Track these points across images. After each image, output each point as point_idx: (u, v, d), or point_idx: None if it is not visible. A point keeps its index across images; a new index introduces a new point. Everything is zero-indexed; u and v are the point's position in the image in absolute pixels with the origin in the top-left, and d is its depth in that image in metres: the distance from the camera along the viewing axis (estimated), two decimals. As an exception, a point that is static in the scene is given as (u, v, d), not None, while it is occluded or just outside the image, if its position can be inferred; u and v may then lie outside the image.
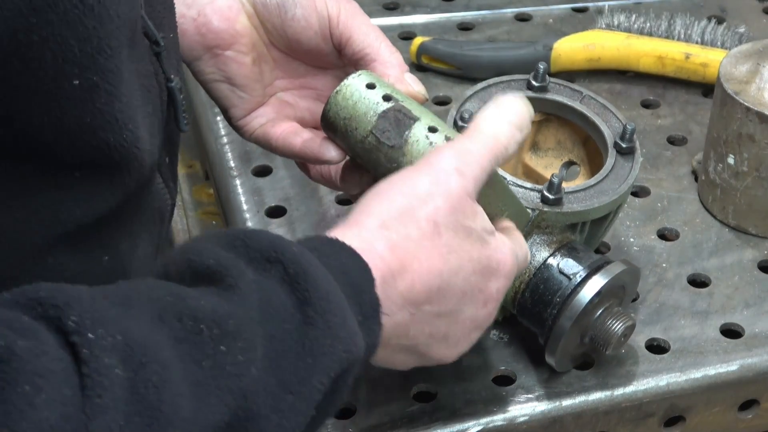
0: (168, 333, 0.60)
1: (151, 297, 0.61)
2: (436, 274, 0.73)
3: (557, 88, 1.00)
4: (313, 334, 0.64)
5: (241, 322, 0.62)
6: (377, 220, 0.72)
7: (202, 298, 0.62)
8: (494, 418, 0.91)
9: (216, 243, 0.67)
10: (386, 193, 0.75)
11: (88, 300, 0.58)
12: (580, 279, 0.88)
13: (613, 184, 0.93)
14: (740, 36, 1.28)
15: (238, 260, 0.65)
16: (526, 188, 0.91)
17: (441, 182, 0.74)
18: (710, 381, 0.95)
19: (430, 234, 0.73)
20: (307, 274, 0.65)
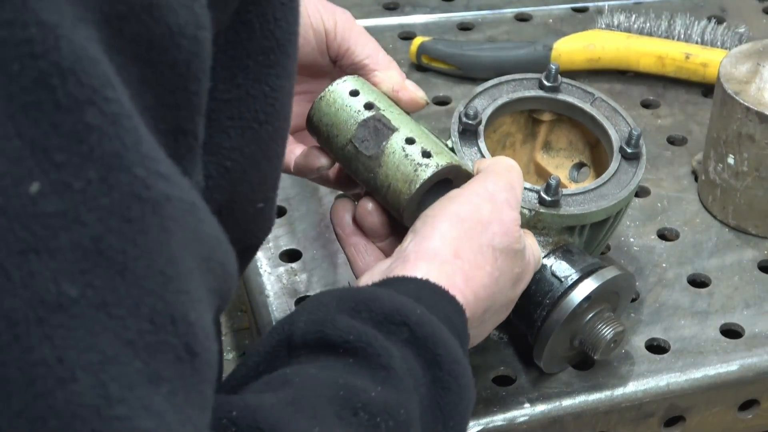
0: (350, 431, 0.61)
1: (327, 396, 0.62)
2: (490, 298, 0.78)
3: (569, 89, 1.00)
4: (449, 398, 0.67)
5: (409, 409, 0.64)
6: (450, 249, 0.76)
7: (369, 387, 0.63)
8: (494, 418, 0.91)
9: (339, 309, 0.67)
10: (455, 216, 0.78)
11: (288, 419, 0.59)
12: (572, 282, 0.88)
13: (613, 189, 0.93)
14: (740, 36, 1.28)
15: (374, 332, 0.66)
16: (525, 188, 0.91)
17: (497, 210, 0.79)
18: (710, 381, 0.95)
19: (490, 260, 0.77)
20: (435, 338, 0.67)
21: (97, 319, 0.46)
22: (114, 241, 0.46)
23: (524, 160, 1.05)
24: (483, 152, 0.93)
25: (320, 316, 0.67)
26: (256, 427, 0.57)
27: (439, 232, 0.77)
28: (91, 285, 0.45)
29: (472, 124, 0.93)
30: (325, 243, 1.06)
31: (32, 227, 0.44)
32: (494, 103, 0.97)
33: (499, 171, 0.83)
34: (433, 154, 0.81)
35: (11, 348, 0.44)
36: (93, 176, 0.45)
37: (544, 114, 1.02)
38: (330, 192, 1.12)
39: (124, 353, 0.46)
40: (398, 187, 0.81)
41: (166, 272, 0.48)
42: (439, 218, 0.78)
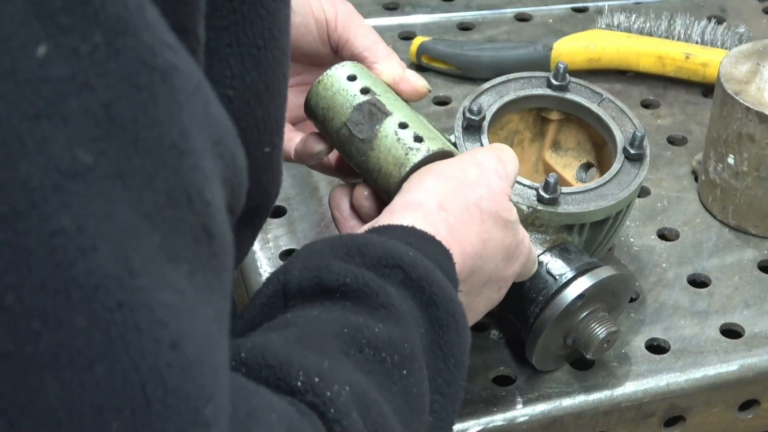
0: (357, 366, 0.61)
1: (332, 333, 0.62)
2: (477, 258, 0.77)
3: (577, 89, 1.00)
4: (448, 336, 0.67)
5: (413, 343, 0.64)
6: (436, 200, 0.76)
7: (373, 324, 0.63)
8: (494, 418, 0.91)
9: (332, 255, 0.68)
10: (442, 174, 0.78)
11: (299, 354, 0.59)
12: (566, 280, 0.88)
13: (614, 189, 0.93)
14: (740, 36, 1.28)
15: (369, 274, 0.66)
16: (524, 185, 0.91)
17: (484, 175, 0.79)
18: (710, 381, 0.95)
19: (476, 218, 0.77)
20: (429, 278, 0.68)
21: (114, 189, 0.45)
22: (124, 109, 0.45)
23: (533, 159, 1.05)
24: None
25: (314, 263, 0.67)
26: (266, 364, 0.57)
27: (425, 186, 0.77)
28: (104, 153, 0.45)
29: (476, 119, 0.93)
30: (325, 243, 1.06)
31: (42, 91, 0.43)
32: (500, 100, 0.97)
33: (491, 147, 0.84)
34: (425, 139, 0.82)
35: (30, 216, 0.43)
36: (99, 40, 0.44)
37: (553, 113, 1.02)
38: (330, 192, 1.12)
39: (143, 226, 0.46)
40: (389, 170, 0.82)
41: (179, 146, 0.47)
42: (425, 174, 0.79)
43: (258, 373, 0.57)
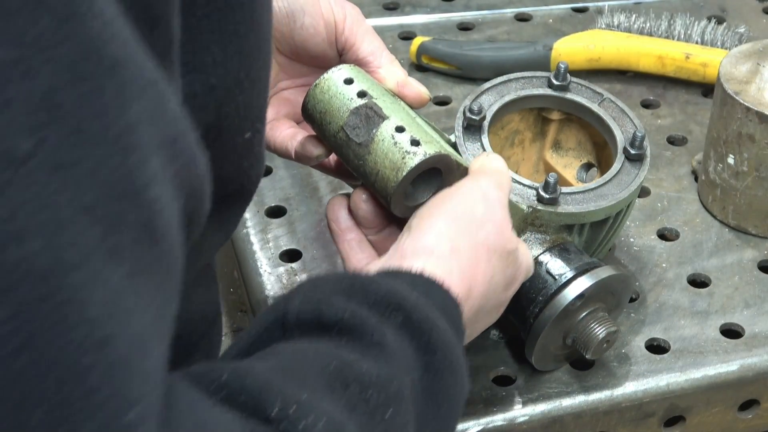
0: (340, 402, 0.61)
1: (315, 365, 0.62)
2: (484, 296, 0.77)
3: (578, 89, 1.00)
4: (443, 383, 0.67)
5: (401, 383, 0.64)
6: (448, 245, 0.76)
7: (362, 362, 0.63)
8: (494, 418, 0.91)
9: (335, 290, 0.67)
10: (451, 213, 0.78)
11: (279, 383, 0.58)
12: (566, 280, 0.88)
13: (614, 189, 0.93)
14: (740, 36, 1.28)
15: (368, 313, 0.66)
16: (524, 185, 0.91)
17: (490, 210, 0.79)
18: (710, 381, 0.95)
19: (485, 259, 0.77)
20: (429, 322, 0.67)
21: (53, 178, 0.44)
22: (67, 97, 0.45)
23: (533, 159, 1.05)
24: (486, 148, 0.93)
25: (316, 296, 0.66)
26: (246, 390, 0.57)
27: (436, 229, 0.77)
28: (44, 141, 0.44)
29: (476, 119, 0.93)
30: (325, 243, 1.06)
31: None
32: (501, 100, 0.97)
33: (489, 171, 0.83)
34: (422, 143, 0.82)
35: None
36: (46, 25, 0.44)
37: (553, 113, 1.02)
38: (330, 192, 1.12)
39: (82, 219, 0.45)
40: (386, 175, 0.81)
41: (124, 140, 0.46)
42: (435, 216, 0.78)
43: (237, 398, 0.57)
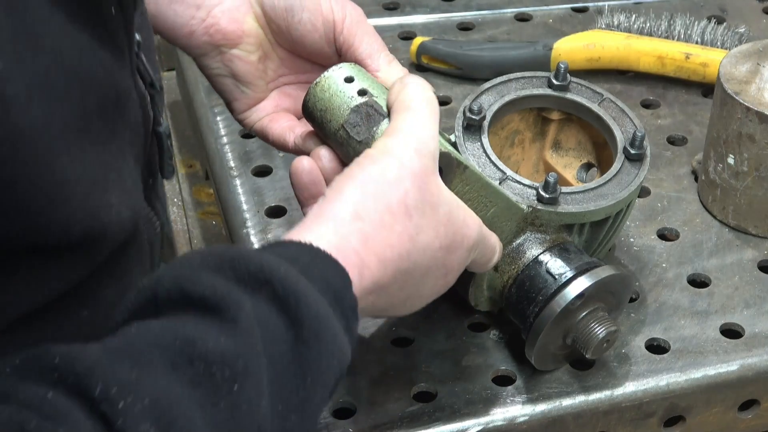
0: (183, 379, 0.61)
1: (160, 344, 0.62)
2: (404, 257, 0.75)
3: (578, 88, 1.00)
4: (309, 355, 0.66)
5: (249, 358, 0.63)
6: (351, 210, 0.74)
7: (209, 338, 0.63)
8: (494, 418, 0.91)
9: (203, 265, 0.67)
10: (358, 179, 0.76)
11: (107, 364, 0.59)
12: (566, 280, 0.88)
13: (613, 189, 0.93)
14: (740, 36, 1.28)
15: (232, 288, 0.65)
16: (524, 184, 0.91)
17: (405, 165, 0.77)
18: (710, 381, 0.95)
19: (401, 218, 0.75)
20: (297, 294, 0.66)
21: None
22: None
23: (533, 159, 1.05)
24: (486, 148, 0.93)
25: (183, 273, 0.66)
26: (73, 372, 0.58)
27: (341, 194, 0.75)
28: None
29: (476, 119, 0.93)
30: (325, 243, 1.06)
31: None
32: (501, 100, 0.97)
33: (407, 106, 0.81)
34: None
35: None
36: None
37: (553, 113, 1.02)
38: (330, 192, 1.12)
39: None
40: None
41: None
42: (343, 182, 0.76)
43: (65, 380, 0.58)
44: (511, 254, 0.91)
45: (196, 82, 1.26)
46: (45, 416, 0.56)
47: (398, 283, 0.76)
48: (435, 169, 0.79)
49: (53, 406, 0.57)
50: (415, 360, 0.95)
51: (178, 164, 1.30)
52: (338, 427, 0.89)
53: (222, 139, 1.19)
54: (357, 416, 0.90)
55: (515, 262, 0.90)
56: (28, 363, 0.59)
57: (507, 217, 0.88)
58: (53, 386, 0.58)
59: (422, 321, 0.98)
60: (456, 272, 0.82)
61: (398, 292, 0.77)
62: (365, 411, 0.90)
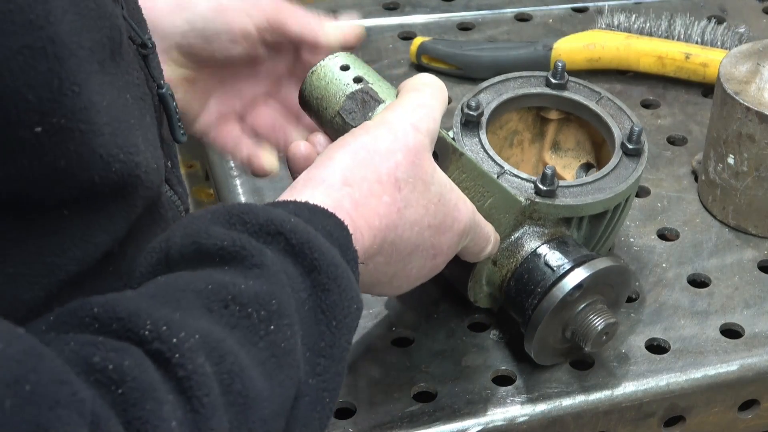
0: (220, 321, 0.61)
1: (194, 290, 0.62)
2: (391, 229, 0.76)
3: (576, 87, 1.00)
4: (330, 299, 0.67)
5: (281, 299, 0.64)
6: (340, 176, 0.75)
7: (239, 281, 0.63)
8: (494, 418, 0.91)
9: (213, 221, 0.67)
10: (350, 146, 0.77)
11: (149, 306, 0.59)
12: (564, 271, 0.88)
13: (611, 183, 0.93)
14: (740, 36, 1.28)
15: (250, 238, 0.66)
16: (522, 178, 0.91)
17: (399, 138, 0.77)
18: (710, 381, 0.95)
19: (390, 189, 0.76)
20: (311, 243, 0.67)
21: None
22: None
23: (533, 160, 1.05)
24: (484, 143, 0.93)
25: (195, 228, 0.66)
26: (116, 317, 0.58)
27: (332, 161, 0.76)
28: None
29: (474, 115, 0.94)
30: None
31: None
32: (499, 98, 0.98)
33: (414, 87, 0.82)
34: None
35: None
36: None
37: (552, 112, 1.02)
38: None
39: None
40: None
41: None
42: (335, 149, 0.77)
43: (109, 327, 0.57)
44: (510, 248, 0.91)
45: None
46: (107, 350, 0.56)
47: (384, 255, 0.77)
48: (430, 148, 0.79)
49: (111, 344, 0.56)
50: (415, 360, 0.95)
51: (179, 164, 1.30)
52: (338, 427, 0.89)
53: (222, 139, 1.19)
54: (357, 416, 0.90)
55: (514, 256, 0.90)
56: (64, 317, 0.59)
57: (505, 209, 0.89)
58: (99, 334, 0.57)
59: (422, 321, 0.98)
60: (445, 255, 0.82)
61: (384, 266, 0.77)
62: (365, 411, 0.90)
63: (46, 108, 0.58)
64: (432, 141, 0.79)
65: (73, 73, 0.59)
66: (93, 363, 0.55)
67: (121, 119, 0.65)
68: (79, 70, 0.60)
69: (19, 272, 0.62)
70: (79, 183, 0.62)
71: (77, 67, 0.59)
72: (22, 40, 0.56)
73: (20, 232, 0.61)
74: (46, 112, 0.58)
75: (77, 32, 0.60)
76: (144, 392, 0.55)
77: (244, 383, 0.60)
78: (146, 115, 0.72)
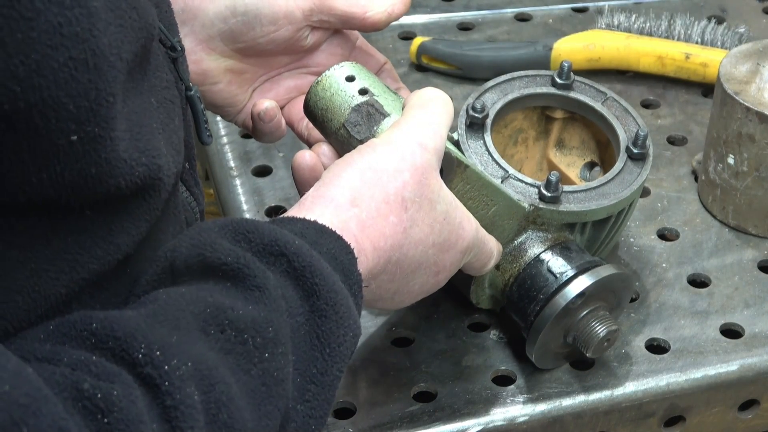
0: (215, 346, 0.62)
1: (193, 312, 0.62)
2: (396, 248, 0.76)
3: (582, 87, 1.00)
4: (327, 326, 0.67)
5: (278, 327, 0.64)
6: (348, 196, 0.75)
7: (238, 305, 0.63)
8: (494, 418, 0.91)
9: (220, 235, 0.67)
10: (357, 165, 0.77)
11: (147, 327, 0.59)
12: (566, 279, 0.88)
13: (616, 188, 0.93)
14: (740, 36, 1.28)
15: (253, 257, 0.66)
16: (526, 183, 0.91)
17: (407, 158, 0.77)
18: (710, 381, 0.95)
19: (396, 209, 0.76)
20: (312, 267, 0.67)
21: None
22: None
23: (537, 158, 1.05)
24: (488, 146, 0.93)
25: (201, 241, 0.66)
26: (113, 336, 0.58)
27: (339, 179, 0.76)
28: None
29: (479, 117, 0.94)
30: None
31: None
32: (504, 98, 0.97)
33: (421, 103, 0.82)
34: None
35: None
36: None
37: (557, 111, 1.02)
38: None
39: None
40: None
41: None
42: (342, 167, 0.77)
43: (105, 344, 0.58)
44: (513, 253, 0.91)
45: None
46: (97, 376, 0.56)
47: (388, 274, 0.77)
48: (437, 166, 0.79)
49: (102, 367, 0.57)
50: (415, 360, 0.95)
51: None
52: (338, 427, 0.89)
53: (222, 139, 1.19)
54: (357, 416, 0.90)
55: (517, 261, 0.90)
56: (63, 328, 0.59)
57: (509, 215, 0.89)
58: (93, 351, 0.58)
59: (422, 321, 0.98)
60: (448, 272, 0.82)
61: (387, 283, 0.78)
62: (365, 411, 0.90)
63: (83, 118, 0.59)
64: (438, 159, 0.79)
65: (109, 84, 0.60)
66: (82, 390, 0.55)
67: (144, 123, 0.66)
68: (116, 81, 0.60)
69: (42, 268, 0.62)
70: (107, 187, 0.62)
71: (114, 78, 0.60)
72: (68, 53, 0.57)
73: (46, 230, 0.62)
74: (82, 121, 0.59)
75: (118, 44, 0.61)
76: (129, 423, 0.55)
77: (231, 414, 0.60)
78: (174, 118, 0.72)
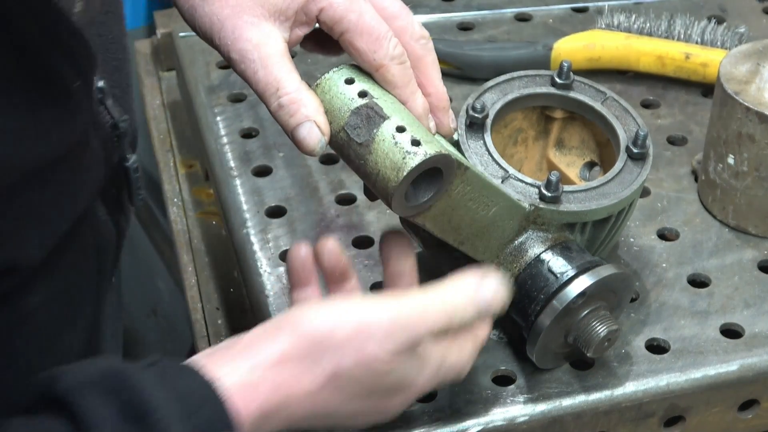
0: None
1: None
2: (321, 406, 0.75)
3: (581, 87, 1.00)
4: None
5: None
6: (277, 356, 0.74)
7: None
8: (494, 418, 0.91)
9: (95, 384, 0.69)
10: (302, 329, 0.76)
11: None
12: (567, 278, 0.88)
13: (616, 188, 0.93)
14: (740, 36, 1.28)
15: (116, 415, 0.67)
16: (526, 183, 0.91)
17: (359, 346, 0.75)
18: (710, 381, 0.95)
19: (322, 380, 0.75)
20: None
21: None
22: None
23: (536, 157, 1.05)
24: (488, 146, 0.93)
25: (73, 382, 0.68)
26: None
27: (274, 339, 0.75)
28: None
29: (479, 117, 0.94)
30: (325, 243, 1.06)
31: None
32: (504, 98, 0.97)
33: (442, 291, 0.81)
34: (422, 143, 0.81)
35: None
36: None
37: (557, 111, 1.02)
38: (330, 192, 1.12)
39: None
40: (387, 175, 0.81)
41: None
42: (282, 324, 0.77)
43: None
44: (513, 253, 0.91)
45: (196, 82, 1.26)
46: None
47: (318, 418, 0.76)
48: (389, 362, 0.76)
49: None
50: (415, 360, 0.95)
51: (178, 164, 1.30)
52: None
53: (222, 139, 1.19)
54: (357, 416, 0.90)
55: (517, 261, 0.90)
56: None
57: (509, 215, 0.89)
58: None
59: (422, 321, 0.98)
60: (401, 406, 0.81)
61: (323, 419, 0.77)
62: (365, 411, 0.90)
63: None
64: (389, 360, 0.77)
65: None
66: None
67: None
68: None
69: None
70: None
71: None
72: None
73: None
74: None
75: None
76: None
77: None
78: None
